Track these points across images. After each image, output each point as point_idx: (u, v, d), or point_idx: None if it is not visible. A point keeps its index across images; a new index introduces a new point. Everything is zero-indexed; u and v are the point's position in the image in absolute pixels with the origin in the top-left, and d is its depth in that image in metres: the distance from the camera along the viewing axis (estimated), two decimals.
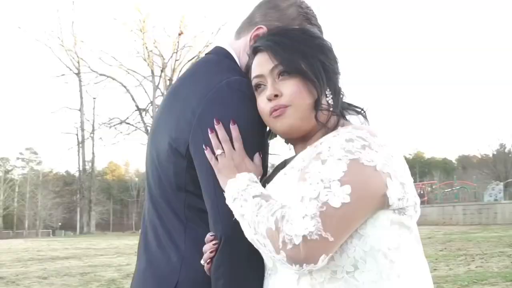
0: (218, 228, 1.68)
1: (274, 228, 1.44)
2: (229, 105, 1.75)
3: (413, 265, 1.59)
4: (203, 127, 1.74)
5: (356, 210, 1.45)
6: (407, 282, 1.56)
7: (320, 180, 1.45)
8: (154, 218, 1.92)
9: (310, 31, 1.82)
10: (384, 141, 1.57)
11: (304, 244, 1.39)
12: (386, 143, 1.57)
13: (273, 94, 1.68)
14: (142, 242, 1.97)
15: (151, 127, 2.04)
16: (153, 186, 1.92)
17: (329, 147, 1.52)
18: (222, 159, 1.69)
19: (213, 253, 1.67)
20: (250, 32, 1.96)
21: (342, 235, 1.45)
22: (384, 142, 1.56)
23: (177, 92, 1.91)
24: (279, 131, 1.73)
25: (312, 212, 1.41)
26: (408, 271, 1.57)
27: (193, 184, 1.79)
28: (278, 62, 1.70)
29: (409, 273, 1.57)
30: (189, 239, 1.80)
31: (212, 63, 1.94)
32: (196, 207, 1.80)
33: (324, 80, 1.70)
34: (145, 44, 52.04)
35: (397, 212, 1.55)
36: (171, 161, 1.82)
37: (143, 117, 52.48)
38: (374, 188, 1.49)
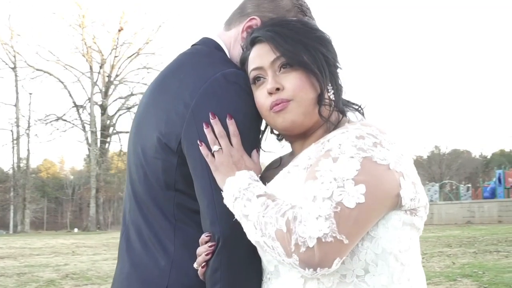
0: (215, 229, 1.57)
1: (285, 229, 1.35)
2: (225, 98, 1.65)
3: (420, 268, 1.54)
4: (197, 121, 1.62)
5: (370, 211, 1.38)
6: (415, 285, 1.50)
7: (333, 178, 1.37)
8: (137, 217, 1.79)
9: (310, 23, 1.73)
10: (394, 139, 1.50)
11: (319, 247, 1.31)
12: (395, 140, 1.50)
13: (274, 88, 1.59)
14: (124, 243, 1.84)
15: (134, 121, 1.91)
16: (138, 183, 1.79)
17: (339, 144, 1.44)
18: (219, 155, 1.59)
19: (209, 256, 1.56)
20: (242, 23, 1.87)
21: (356, 237, 1.37)
22: (394, 140, 1.50)
23: (165, 84, 1.79)
24: (280, 127, 1.63)
25: (326, 213, 1.32)
26: (416, 274, 1.52)
27: (184, 182, 1.68)
28: (280, 53, 1.61)
29: (417, 276, 1.52)
30: (179, 240, 1.68)
31: (202, 54, 1.83)
32: (186, 206, 1.69)
33: (327, 74, 1.62)
34: (84, 40, 50.98)
35: (409, 213, 1.49)
36: (159, 157, 1.70)
37: (80, 114, 51.43)
38: (388, 188, 1.42)
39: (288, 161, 1.70)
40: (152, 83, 1.90)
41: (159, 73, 1.91)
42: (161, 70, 1.94)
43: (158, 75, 1.90)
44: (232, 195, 1.51)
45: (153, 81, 1.90)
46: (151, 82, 1.94)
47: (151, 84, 1.90)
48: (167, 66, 1.90)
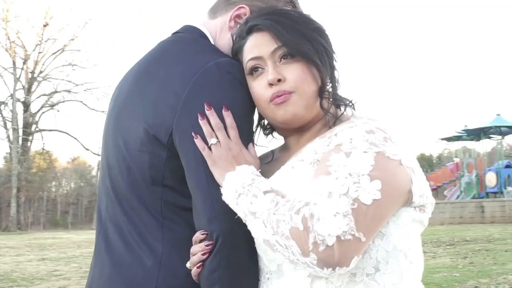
0: (214, 227, 1.47)
1: (302, 227, 1.27)
2: (220, 89, 1.56)
3: (422, 266, 1.51)
4: (190, 113, 1.53)
5: (386, 207, 1.33)
6: (418, 284, 1.48)
7: (348, 174, 1.31)
8: (118, 215, 1.67)
9: (306, 14, 1.66)
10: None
11: (338, 245, 1.25)
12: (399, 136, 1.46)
13: (276, 79, 1.51)
14: (102, 243, 1.71)
15: (111, 112, 1.78)
16: (120, 178, 1.66)
17: (350, 138, 1.39)
18: (217, 149, 1.49)
19: (205, 256, 1.47)
20: (229, 12, 1.79)
21: (372, 235, 1.32)
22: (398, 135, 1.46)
23: (149, 73, 1.67)
24: (280, 119, 1.55)
25: (344, 210, 1.26)
26: (420, 272, 1.48)
27: (173, 178, 1.58)
28: (282, 43, 1.54)
29: (420, 274, 1.49)
30: (167, 239, 1.58)
31: (188, 42, 1.73)
32: (175, 203, 1.59)
33: (328, 66, 1.56)
34: (7, 34, 49.07)
35: (418, 210, 1.46)
36: (146, 150, 1.58)
37: (2, 110, 49.47)
38: (401, 184, 1.38)
39: (282, 156, 1.64)
40: (131, 73, 1.78)
41: (137, 62, 1.80)
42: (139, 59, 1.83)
43: (137, 64, 1.78)
44: (235, 191, 1.42)
45: (132, 71, 1.78)
46: (128, 72, 1.81)
47: (130, 74, 1.78)
48: (148, 54, 1.78)
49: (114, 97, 1.81)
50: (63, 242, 22.17)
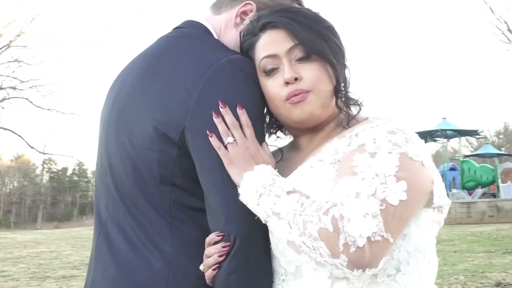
0: (231, 228, 1.43)
1: (332, 228, 1.25)
2: (233, 86, 1.52)
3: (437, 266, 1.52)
4: (204, 110, 1.48)
5: (411, 208, 1.33)
6: (433, 284, 1.48)
7: (375, 174, 1.31)
8: (121, 215, 1.61)
9: (317, 13, 1.65)
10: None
11: (369, 246, 1.24)
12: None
13: (293, 77, 1.49)
14: (105, 244, 1.64)
15: (111, 109, 1.71)
16: (125, 177, 1.60)
17: (374, 138, 1.38)
18: (233, 148, 1.46)
19: (222, 257, 1.43)
20: (234, 8, 1.76)
21: (398, 235, 1.32)
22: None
23: (154, 69, 1.62)
24: (296, 119, 1.53)
25: (373, 211, 1.26)
26: (435, 273, 1.49)
27: (183, 177, 1.53)
28: (299, 41, 1.52)
29: (435, 275, 1.49)
30: (176, 240, 1.53)
31: (194, 38, 1.69)
32: (184, 203, 1.55)
33: (342, 65, 1.56)
34: None
35: (436, 210, 1.46)
36: (155, 149, 1.53)
37: None
38: (424, 184, 1.39)
39: (294, 156, 1.62)
40: (132, 69, 1.72)
41: (138, 58, 1.74)
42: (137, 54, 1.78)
43: (139, 60, 1.72)
44: (255, 191, 1.38)
45: (134, 67, 1.72)
46: (128, 68, 1.76)
47: (131, 70, 1.72)
48: (150, 49, 1.73)
49: (114, 94, 1.74)
50: (8, 242, 21.54)
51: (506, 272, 9.28)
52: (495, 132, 62.16)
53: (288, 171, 1.53)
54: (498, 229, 17.73)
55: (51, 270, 12.22)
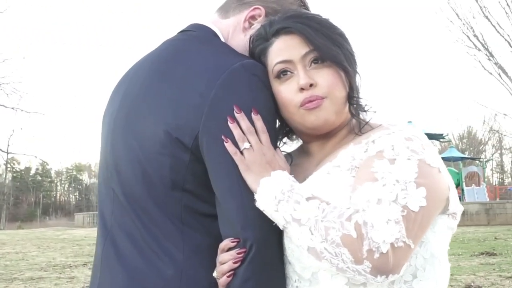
0: (248, 234, 1.41)
1: (356, 235, 1.26)
2: (249, 91, 1.51)
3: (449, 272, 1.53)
4: (219, 115, 1.47)
5: (430, 214, 1.35)
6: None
7: (396, 181, 1.31)
8: (128, 221, 1.58)
9: (328, 19, 1.64)
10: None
11: (392, 252, 1.24)
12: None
13: (309, 83, 1.49)
14: (112, 250, 1.61)
15: (118, 113, 1.67)
16: (134, 182, 1.57)
17: (392, 145, 1.39)
18: (250, 154, 1.45)
19: (237, 264, 1.41)
20: (243, 12, 1.75)
21: (418, 241, 1.33)
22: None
23: (165, 72, 1.59)
24: (310, 125, 1.53)
25: (396, 217, 1.26)
26: (448, 278, 1.50)
27: (195, 182, 1.51)
28: (314, 47, 1.52)
29: (448, 280, 1.50)
30: (187, 247, 1.50)
31: (204, 41, 1.67)
32: (195, 209, 1.52)
33: (355, 71, 1.56)
34: None
35: (451, 217, 1.48)
36: (166, 153, 1.50)
37: None
38: (442, 191, 1.41)
39: (305, 162, 1.62)
40: (139, 72, 1.69)
41: (145, 61, 1.71)
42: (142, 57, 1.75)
43: (146, 63, 1.69)
44: (274, 198, 1.38)
45: (141, 70, 1.69)
46: (134, 71, 1.73)
47: (138, 73, 1.69)
48: (157, 53, 1.70)
49: (120, 98, 1.71)
50: None
51: (475, 274, 9.45)
52: (459, 136, 63.13)
53: (300, 177, 1.53)
54: (463, 232, 18.03)
55: (18, 271, 12.01)
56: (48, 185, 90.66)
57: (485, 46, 22.46)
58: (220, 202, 1.47)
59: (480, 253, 12.41)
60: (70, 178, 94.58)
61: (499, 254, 12.24)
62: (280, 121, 1.64)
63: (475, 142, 60.83)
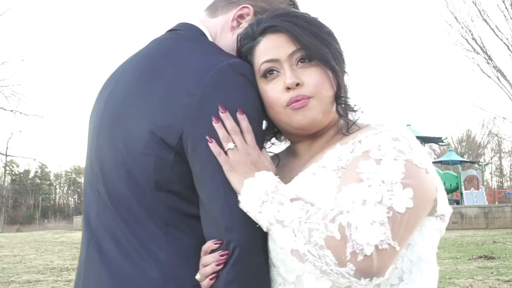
0: (232, 236, 1.39)
1: (339, 236, 1.23)
2: (234, 90, 1.49)
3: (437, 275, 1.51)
4: (205, 115, 1.44)
5: (417, 216, 1.32)
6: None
7: (381, 181, 1.29)
8: (113, 222, 1.55)
9: (317, 18, 1.62)
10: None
11: (376, 255, 1.21)
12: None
13: (295, 83, 1.47)
14: (96, 252, 1.58)
15: (105, 113, 1.65)
16: (118, 183, 1.55)
17: (378, 145, 1.36)
18: (234, 154, 1.42)
19: (220, 266, 1.39)
20: (231, 11, 1.73)
21: (404, 244, 1.30)
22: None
23: (153, 71, 1.56)
24: (297, 125, 1.50)
25: (381, 219, 1.24)
26: (436, 281, 1.48)
27: (179, 183, 1.48)
28: (301, 46, 1.49)
29: (436, 283, 1.48)
30: (171, 249, 1.48)
31: (192, 40, 1.65)
32: (180, 210, 1.49)
33: (343, 71, 1.54)
34: None
35: (439, 219, 1.45)
36: (151, 153, 1.48)
37: None
38: (429, 192, 1.38)
39: (292, 162, 1.60)
40: (126, 71, 1.66)
41: (133, 60, 1.68)
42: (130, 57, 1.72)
43: (133, 63, 1.66)
44: (258, 199, 1.36)
45: (128, 69, 1.66)
46: (121, 71, 1.70)
47: (126, 72, 1.66)
48: (145, 52, 1.67)
49: (105, 99, 1.68)
50: None
51: (473, 278, 9.42)
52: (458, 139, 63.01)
53: (287, 177, 1.51)
54: (462, 236, 18.00)
55: (15, 274, 11.98)
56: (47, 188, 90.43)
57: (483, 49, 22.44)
58: (204, 203, 1.45)
59: (479, 257, 12.38)
60: (69, 181, 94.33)
61: (497, 257, 12.22)
62: (267, 121, 1.62)
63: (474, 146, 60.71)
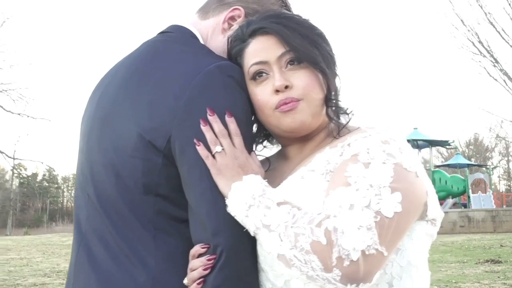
0: (219, 240, 1.37)
1: (325, 241, 1.21)
2: (223, 93, 1.47)
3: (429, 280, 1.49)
4: (193, 118, 1.43)
5: (406, 220, 1.30)
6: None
7: (369, 185, 1.27)
8: (102, 225, 1.54)
9: (308, 19, 1.61)
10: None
11: (363, 260, 1.19)
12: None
13: (284, 85, 1.45)
14: (85, 255, 1.58)
15: (95, 115, 1.65)
16: (107, 186, 1.54)
17: (367, 148, 1.34)
18: (222, 157, 1.41)
19: (207, 271, 1.37)
20: (222, 13, 1.72)
21: (392, 249, 1.28)
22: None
23: (142, 74, 1.56)
24: (286, 128, 1.49)
25: (368, 223, 1.21)
26: (427, 286, 1.46)
27: (167, 186, 1.47)
28: (290, 48, 1.48)
29: None
30: (160, 253, 1.46)
31: (182, 43, 1.64)
32: (169, 214, 1.48)
33: (334, 73, 1.53)
34: None
35: (430, 223, 1.43)
36: (139, 156, 1.47)
37: None
38: (419, 196, 1.35)
39: (282, 165, 1.59)
40: (117, 74, 1.66)
41: (124, 62, 1.68)
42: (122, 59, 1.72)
43: (124, 65, 1.66)
44: (245, 203, 1.34)
45: (119, 71, 1.66)
46: (112, 73, 1.69)
47: (116, 75, 1.66)
48: (136, 54, 1.67)
49: (96, 100, 1.68)
50: None
51: (479, 282, 9.36)
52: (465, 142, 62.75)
53: (277, 181, 1.49)
54: (469, 239, 17.92)
55: (21, 277, 12.01)
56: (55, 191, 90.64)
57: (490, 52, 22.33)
58: (191, 207, 1.44)
59: (485, 261, 12.31)
60: None
61: (504, 261, 12.15)
62: (258, 124, 1.61)
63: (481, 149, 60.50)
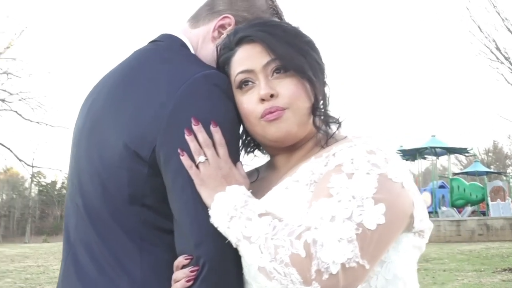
0: (201, 251, 1.35)
1: (304, 254, 1.18)
2: (208, 102, 1.45)
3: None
4: (177, 127, 1.41)
5: (390, 232, 1.26)
6: None
7: (352, 197, 1.23)
8: (89, 236, 1.53)
9: (296, 27, 1.59)
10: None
11: (343, 273, 1.16)
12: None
13: (269, 94, 1.43)
14: (71, 266, 1.56)
15: (84, 124, 1.64)
16: (93, 196, 1.53)
17: (351, 158, 1.31)
18: (205, 167, 1.39)
19: (190, 282, 1.35)
20: (212, 21, 1.70)
21: (375, 261, 1.24)
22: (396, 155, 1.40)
23: (129, 83, 1.55)
24: (271, 137, 1.46)
25: (349, 236, 1.18)
26: None
27: (153, 196, 1.46)
28: (276, 56, 1.45)
29: None
30: (145, 264, 1.45)
31: (171, 51, 1.62)
32: (154, 224, 1.47)
33: (321, 82, 1.50)
34: None
35: (417, 235, 1.39)
36: (125, 166, 1.46)
37: None
38: (404, 207, 1.32)
39: (270, 175, 1.56)
40: (106, 82, 1.65)
41: (113, 72, 1.67)
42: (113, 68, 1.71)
43: (113, 74, 1.66)
44: (227, 214, 1.32)
45: (108, 80, 1.65)
46: (102, 81, 1.69)
47: (105, 84, 1.65)
48: (125, 63, 1.66)
49: (87, 108, 1.67)
50: None
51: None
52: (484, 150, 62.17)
53: (264, 191, 1.46)
54: (487, 248, 17.71)
55: (38, 284, 12.08)
56: None
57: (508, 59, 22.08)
58: (175, 217, 1.42)
59: (503, 270, 12.14)
60: None
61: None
62: (246, 134, 1.59)
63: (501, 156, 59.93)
